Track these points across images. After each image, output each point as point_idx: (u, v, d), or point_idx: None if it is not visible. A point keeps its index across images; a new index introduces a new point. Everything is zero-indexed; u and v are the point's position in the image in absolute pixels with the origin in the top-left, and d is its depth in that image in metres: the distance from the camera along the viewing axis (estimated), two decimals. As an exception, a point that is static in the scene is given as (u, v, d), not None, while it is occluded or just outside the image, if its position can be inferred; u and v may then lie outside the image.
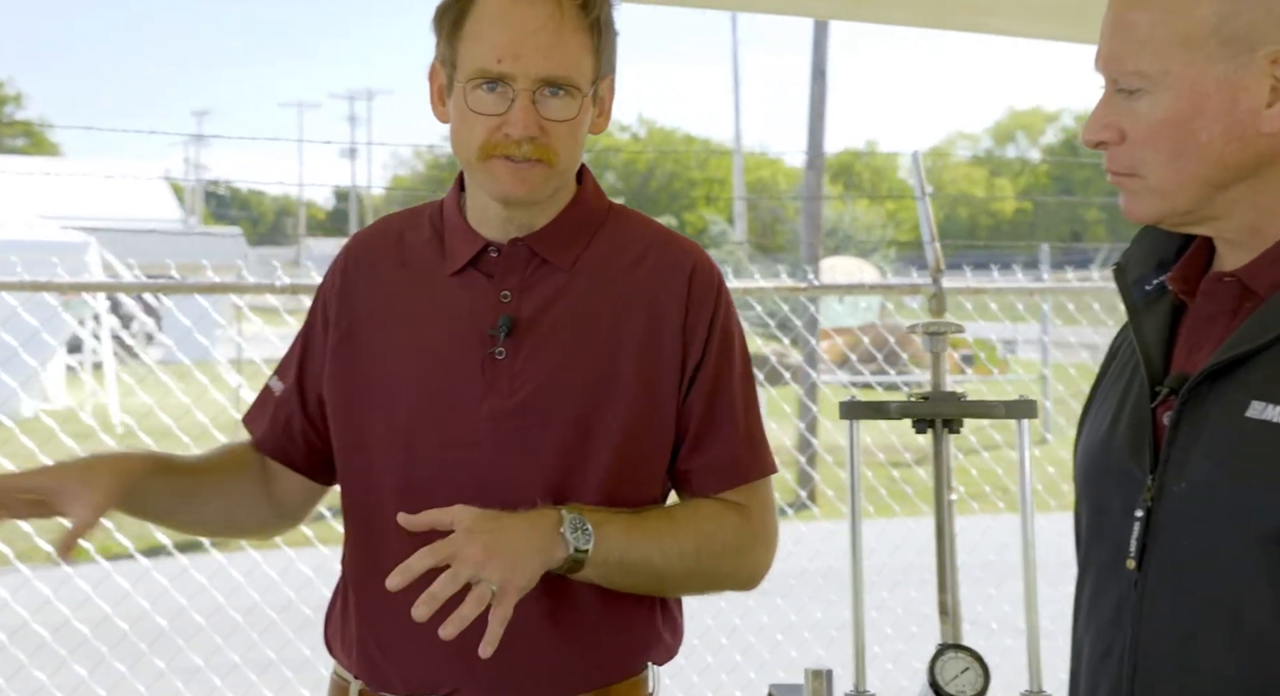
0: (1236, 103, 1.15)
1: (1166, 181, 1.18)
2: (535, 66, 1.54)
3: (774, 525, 1.69)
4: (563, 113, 1.56)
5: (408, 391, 1.63)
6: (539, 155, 1.56)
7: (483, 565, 1.44)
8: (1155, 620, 1.18)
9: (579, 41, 1.56)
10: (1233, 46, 1.15)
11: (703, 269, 1.65)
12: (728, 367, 1.65)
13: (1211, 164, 1.17)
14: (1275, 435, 1.11)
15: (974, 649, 2.09)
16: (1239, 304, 1.20)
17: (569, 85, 1.56)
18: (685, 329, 1.62)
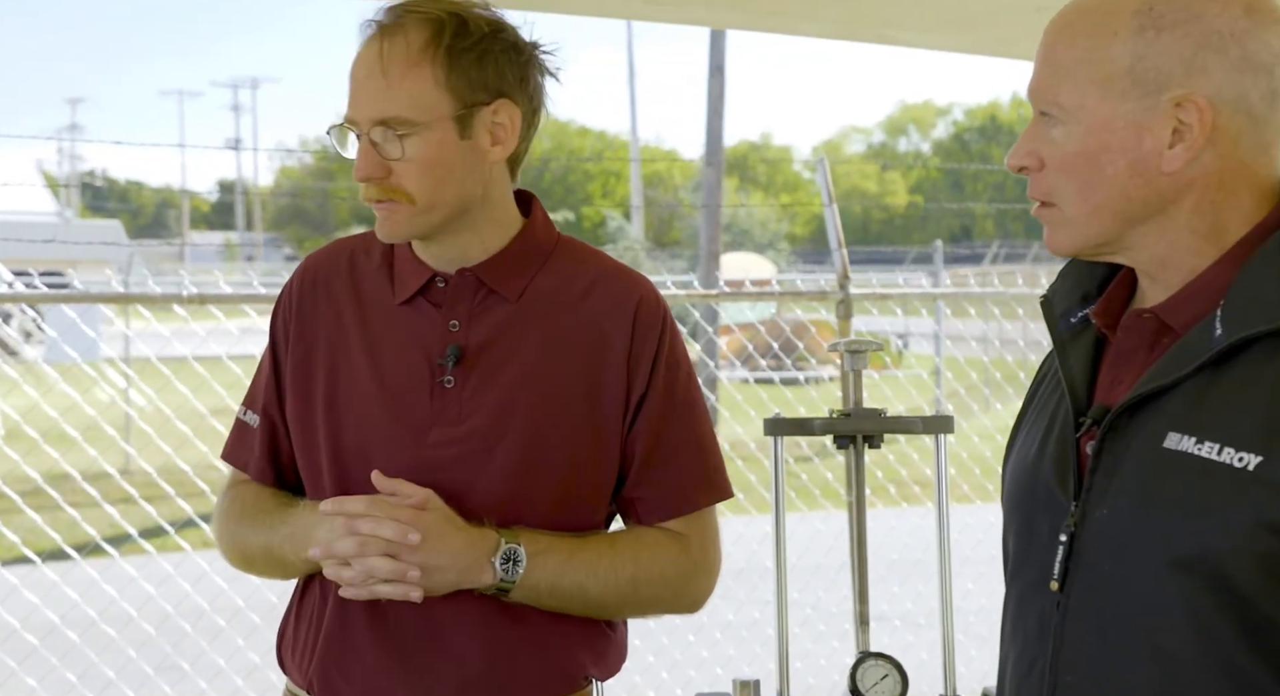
0: (1141, 141, 1.20)
1: (1078, 212, 1.23)
2: (366, 109, 1.56)
3: (716, 554, 1.72)
4: (404, 151, 1.57)
5: (357, 418, 1.64)
6: (388, 196, 1.58)
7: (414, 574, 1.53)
8: (1075, 639, 1.22)
9: (414, 76, 1.55)
10: (1142, 87, 1.19)
11: (648, 302, 1.67)
12: (673, 399, 1.67)
13: (1117, 197, 1.22)
14: (1189, 465, 1.16)
15: (892, 656, 2.14)
16: (1156, 338, 1.25)
17: (403, 123, 1.56)
18: (630, 361, 1.64)
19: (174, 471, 5.16)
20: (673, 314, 1.74)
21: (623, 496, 1.68)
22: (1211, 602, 1.14)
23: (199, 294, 3.49)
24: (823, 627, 5.09)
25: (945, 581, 2.28)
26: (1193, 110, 1.18)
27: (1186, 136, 1.19)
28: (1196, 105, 1.18)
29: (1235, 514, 1.12)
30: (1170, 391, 1.19)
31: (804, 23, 3.37)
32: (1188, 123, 1.18)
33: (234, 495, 1.74)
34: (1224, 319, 1.18)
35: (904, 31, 3.41)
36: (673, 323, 1.70)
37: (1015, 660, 1.30)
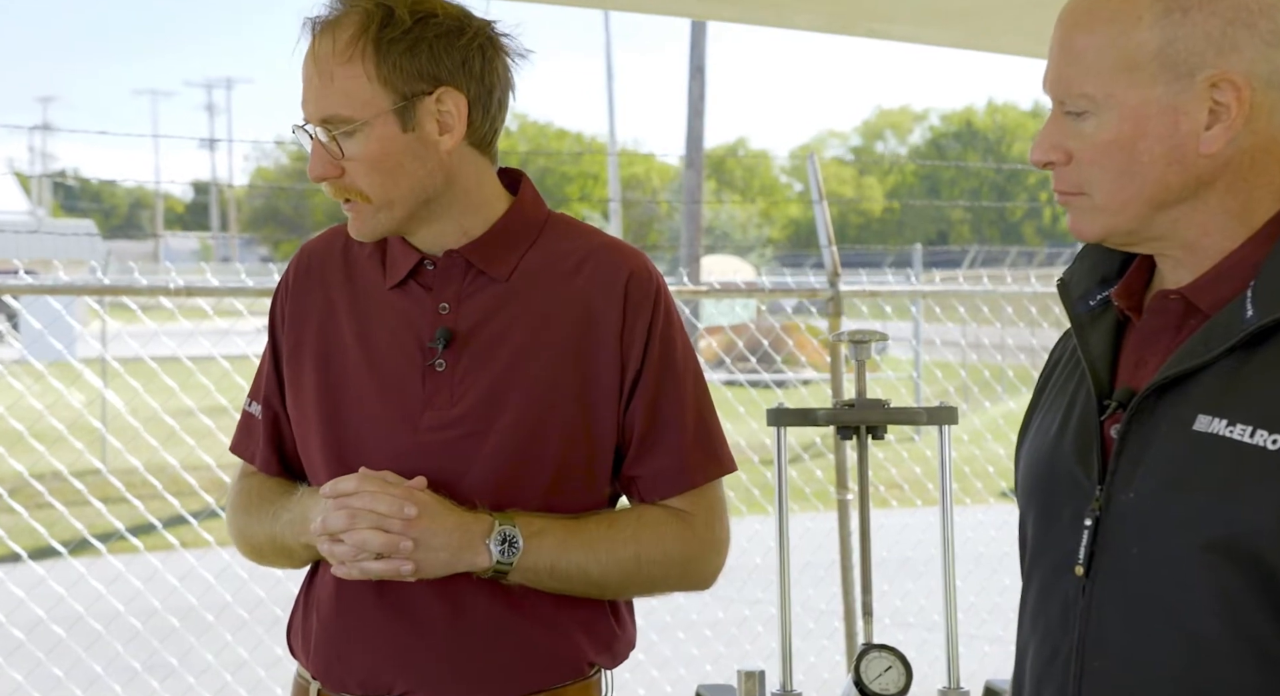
0: (1177, 126, 1.18)
1: (1111, 200, 1.22)
2: (310, 109, 1.57)
3: (723, 529, 1.70)
4: (353, 149, 1.56)
5: (350, 404, 1.63)
6: (344, 196, 1.59)
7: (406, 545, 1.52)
8: (1102, 624, 1.21)
9: (345, 73, 1.54)
10: (1173, 71, 1.18)
11: (640, 275, 1.64)
12: (670, 373, 1.65)
13: (1154, 184, 1.20)
14: (1220, 447, 1.15)
15: (896, 647, 2.13)
16: (1183, 320, 1.24)
17: (343, 121, 1.55)
18: (623, 336, 1.62)
19: (162, 468, 5.13)
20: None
21: (623, 475, 1.66)
22: (1243, 586, 1.13)
23: (186, 286, 3.46)
24: (812, 625, 5.08)
25: (949, 574, 2.28)
26: (1229, 89, 1.17)
27: (1224, 117, 1.17)
28: (1234, 83, 1.16)
29: (1269, 496, 1.11)
30: (1199, 373, 1.18)
31: (796, 16, 3.36)
32: (1224, 103, 1.17)
33: (241, 487, 1.73)
34: (1255, 300, 1.16)
35: (895, 25, 3.41)
36: (668, 296, 1.67)
37: (1037, 648, 1.29)
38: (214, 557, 4.81)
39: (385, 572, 1.52)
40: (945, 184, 50.44)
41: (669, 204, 26.78)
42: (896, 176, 51.74)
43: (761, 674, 2.15)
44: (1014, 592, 1.51)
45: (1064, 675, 1.24)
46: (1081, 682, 1.22)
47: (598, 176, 38.95)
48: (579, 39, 31.14)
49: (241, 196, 41.88)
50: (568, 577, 1.59)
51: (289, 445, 1.70)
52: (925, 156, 54.03)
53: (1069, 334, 1.37)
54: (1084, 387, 1.28)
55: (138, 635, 4.57)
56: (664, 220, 28.86)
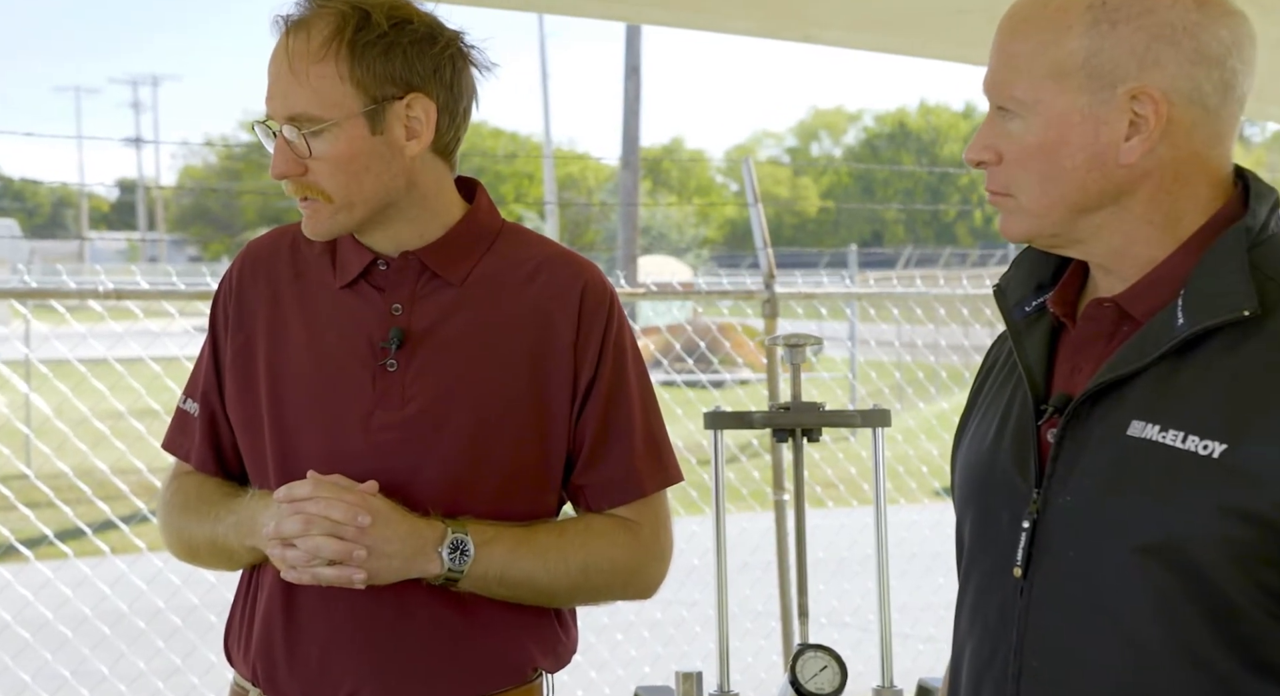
0: (1098, 135, 1.21)
1: (1035, 203, 1.25)
2: (277, 106, 1.56)
3: (667, 540, 1.71)
4: (316, 149, 1.56)
5: (299, 404, 1.62)
6: (305, 193, 1.58)
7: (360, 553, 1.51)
8: (1040, 625, 1.23)
9: (318, 72, 1.54)
10: (1097, 81, 1.21)
11: (595, 286, 1.66)
12: (622, 383, 1.66)
13: (1075, 189, 1.23)
14: (1153, 452, 1.17)
15: (831, 647, 2.16)
16: (1116, 328, 1.25)
17: (311, 120, 1.55)
18: (577, 345, 1.63)
19: (90, 472, 5.04)
20: None
21: (572, 483, 1.67)
22: (1177, 588, 1.15)
23: (116, 289, 3.41)
24: (750, 625, 5.11)
25: (883, 574, 2.31)
26: (1148, 102, 1.19)
27: (1142, 129, 1.20)
28: (1151, 97, 1.19)
29: (1201, 500, 1.14)
30: (1133, 379, 1.20)
31: (731, 21, 3.39)
32: (1143, 115, 1.20)
33: (177, 486, 1.71)
34: (1185, 308, 1.19)
35: (828, 30, 3.45)
36: (620, 308, 1.69)
37: (974, 649, 1.31)
38: (145, 563, 4.73)
39: (337, 579, 1.51)
40: (880, 184, 50.95)
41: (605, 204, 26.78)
42: (831, 177, 52.15)
43: (699, 675, 2.17)
44: (948, 591, 1.53)
45: (1002, 674, 1.26)
46: (1019, 682, 1.24)
47: (533, 176, 38.86)
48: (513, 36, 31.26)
49: (169, 195, 41.20)
50: (516, 585, 1.60)
51: (226, 444, 1.69)
52: (860, 157, 54.52)
53: (1003, 338, 1.40)
54: (1020, 392, 1.30)
55: (66, 642, 4.50)
56: (600, 221, 28.86)
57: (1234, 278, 1.18)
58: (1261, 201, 1.24)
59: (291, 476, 1.59)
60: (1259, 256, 1.21)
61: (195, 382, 1.73)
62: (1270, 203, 1.24)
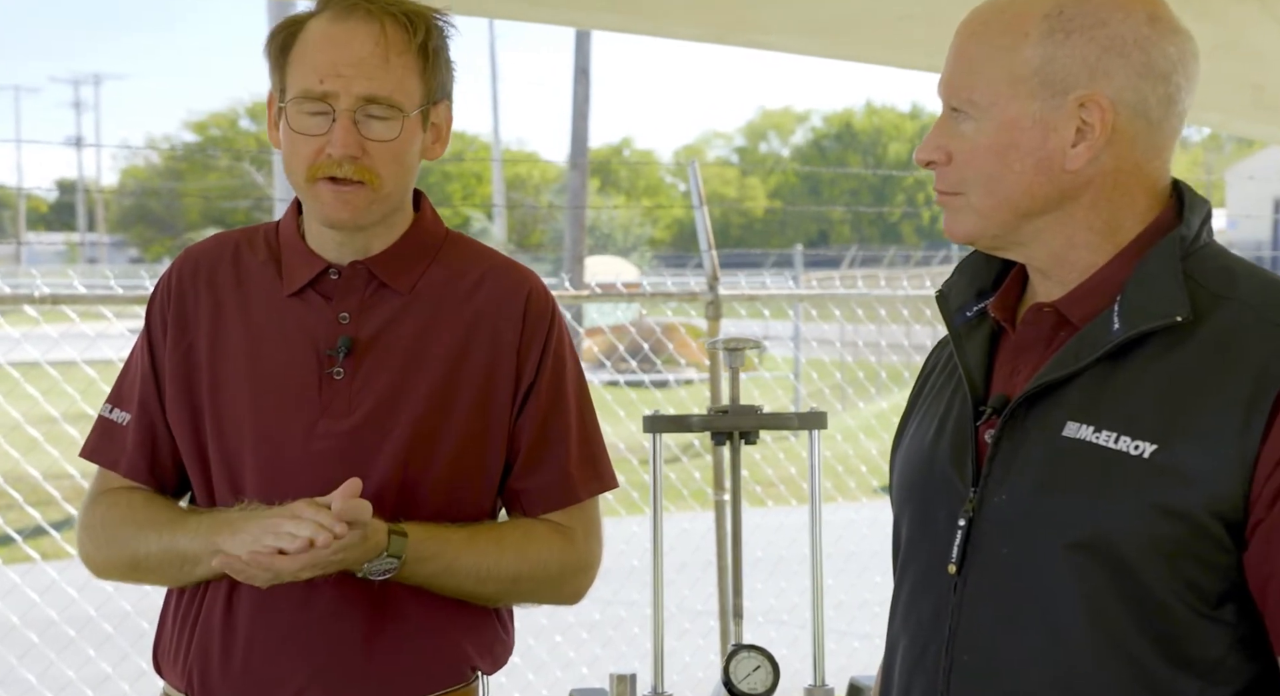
0: (1046, 140, 1.23)
1: (982, 203, 1.28)
2: (356, 85, 1.56)
3: (599, 547, 1.74)
4: (384, 133, 1.58)
5: (244, 410, 1.62)
6: (360, 176, 1.58)
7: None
8: (973, 620, 1.26)
9: (402, 63, 1.59)
10: (1049, 87, 1.24)
11: (537, 295, 1.70)
12: (560, 390, 1.70)
13: (1021, 192, 1.26)
14: (1087, 452, 1.19)
15: (764, 648, 2.18)
16: (1055, 332, 1.28)
17: (391, 105, 1.58)
18: (520, 351, 1.67)
19: (21, 478, 4.95)
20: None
21: (508, 487, 1.69)
22: (1105, 583, 1.19)
23: (51, 294, 3.37)
24: (688, 625, 5.14)
25: (816, 573, 2.33)
26: (1095, 110, 1.23)
27: (1089, 136, 1.24)
28: (1099, 105, 1.23)
29: (1131, 499, 1.17)
30: (1070, 382, 1.24)
31: (676, 26, 3.41)
32: (1090, 122, 1.24)
33: (114, 501, 1.68)
34: (1121, 313, 1.23)
35: (771, 36, 3.48)
36: (561, 318, 1.73)
37: (907, 646, 1.34)
38: (76, 570, 4.66)
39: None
40: (826, 184, 51.24)
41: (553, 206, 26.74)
42: (779, 177, 52.37)
43: (633, 677, 2.18)
44: (884, 589, 1.55)
45: (934, 668, 1.29)
46: (950, 676, 1.27)
47: (481, 176, 38.69)
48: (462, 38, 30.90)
49: (110, 196, 40.56)
50: (457, 588, 1.62)
51: (163, 453, 1.68)
52: (807, 157, 54.77)
53: (944, 343, 1.43)
54: (960, 394, 1.33)
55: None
56: (547, 221, 28.82)
57: (1168, 285, 1.22)
58: (1195, 212, 1.28)
59: (237, 483, 1.61)
60: (1192, 265, 1.25)
61: (126, 392, 1.71)
62: (1203, 214, 1.29)
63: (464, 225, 26.43)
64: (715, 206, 48.96)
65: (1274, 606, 1.16)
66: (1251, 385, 1.16)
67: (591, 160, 22.53)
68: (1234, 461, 1.15)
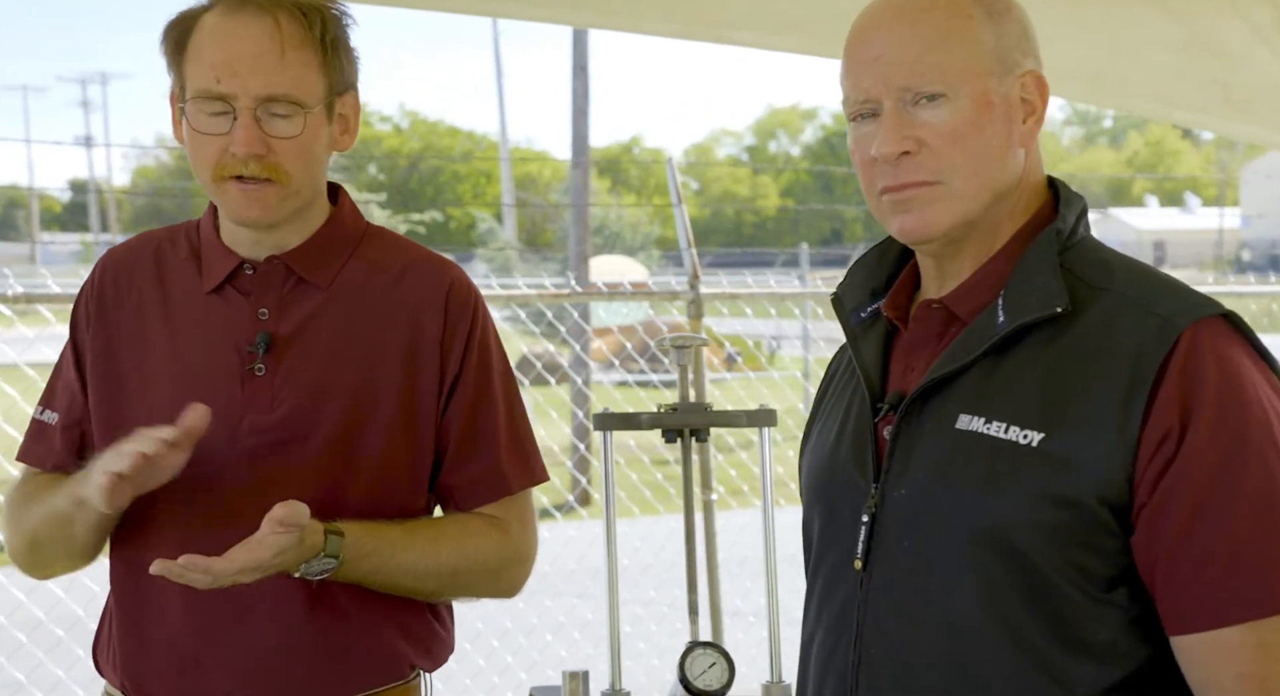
0: (1011, 116, 1.26)
1: (967, 185, 1.26)
2: (254, 84, 1.55)
3: (534, 538, 1.74)
4: (288, 130, 1.57)
5: (166, 408, 1.61)
6: (268, 174, 1.57)
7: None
8: (878, 614, 1.28)
9: (301, 58, 1.56)
10: (1002, 65, 1.26)
11: (460, 286, 1.69)
12: (486, 382, 1.69)
13: (999, 168, 1.27)
14: (979, 443, 1.22)
15: (720, 645, 2.18)
16: (945, 328, 1.30)
17: (291, 102, 1.56)
18: (443, 344, 1.66)
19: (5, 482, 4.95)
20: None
21: (440, 482, 1.69)
22: (1001, 572, 1.20)
23: (25, 294, 3.38)
24: (654, 627, 5.15)
25: (771, 572, 2.33)
26: (1034, 86, 1.27)
27: (1035, 111, 1.28)
28: (1037, 78, 1.27)
29: (1022, 487, 1.19)
30: (960, 376, 1.25)
31: (644, 22, 3.40)
32: (1030, 99, 1.27)
33: (19, 486, 1.71)
34: (1005, 307, 1.24)
35: (739, 32, 3.47)
36: (484, 308, 1.72)
37: (820, 641, 1.35)
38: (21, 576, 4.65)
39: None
40: (839, 182, 51.16)
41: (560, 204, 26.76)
42: (791, 175, 52.33)
43: (585, 673, 2.18)
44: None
45: (844, 663, 1.30)
46: (859, 670, 1.28)
47: (490, 175, 38.73)
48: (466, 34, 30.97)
49: (122, 196, 40.77)
50: (395, 584, 1.62)
51: (89, 452, 1.67)
52: (818, 154, 54.72)
53: (845, 348, 1.44)
54: (859, 394, 1.35)
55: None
56: (556, 220, 28.82)
57: (1046, 278, 1.24)
58: (1070, 207, 1.30)
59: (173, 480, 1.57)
60: (1070, 259, 1.26)
61: (54, 393, 1.72)
62: (1078, 210, 1.30)
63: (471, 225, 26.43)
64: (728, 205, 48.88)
65: (1162, 588, 1.18)
66: (1129, 372, 1.18)
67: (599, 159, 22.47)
68: (1116, 447, 1.17)
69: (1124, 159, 53.66)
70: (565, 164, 26.81)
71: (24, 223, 45.14)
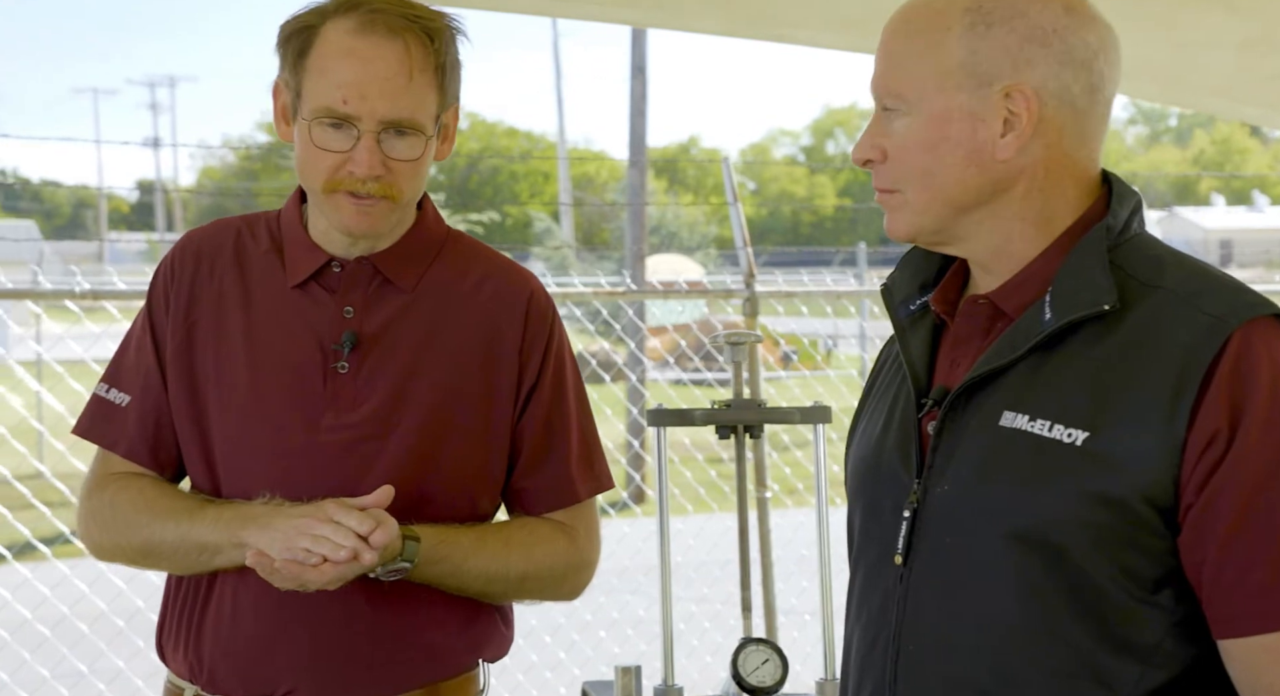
0: (975, 131, 1.25)
1: (918, 199, 1.29)
2: (381, 109, 1.56)
3: (598, 545, 1.77)
4: (407, 153, 1.59)
5: (246, 401, 1.63)
6: (383, 193, 1.59)
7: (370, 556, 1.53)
8: (917, 609, 1.28)
9: (425, 82, 1.58)
10: (975, 80, 1.25)
11: (539, 297, 1.72)
12: (561, 392, 1.72)
13: (954, 185, 1.27)
14: (1022, 441, 1.21)
15: (774, 642, 2.18)
16: (991, 323, 1.30)
17: (414, 127, 1.58)
18: (521, 353, 1.69)
19: (72, 474, 5.04)
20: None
21: (511, 486, 1.71)
22: (1042, 570, 1.19)
23: (92, 290, 3.46)
24: (708, 624, 5.15)
25: (825, 569, 2.33)
26: (1020, 99, 1.24)
27: (1015, 125, 1.25)
28: (1024, 94, 1.24)
29: (1065, 486, 1.18)
30: (1005, 372, 1.25)
31: (699, 20, 3.42)
32: (1016, 112, 1.24)
33: (125, 486, 1.67)
34: (1052, 304, 1.24)
35: (797, 30, 3.47)
36: (560, 320, 1.75)
37: (860, 636, 1.35)
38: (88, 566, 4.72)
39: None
40: (896, 183, 50.56)
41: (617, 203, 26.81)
42: (849, 174, 52.00)
43: (638, 669, 2.19)
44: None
45: (883, 658, 1.30)
46: (898, 665, 1.28)
47: (548, 174, 38.87)
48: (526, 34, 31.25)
49: (187, 196, 41.36)
50: (464, 588, 1.65)
51: (165, 436, 1.68)
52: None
53: (893, 340, 1.44)
54: (905, 388, 1.35)
55: (6, 646, 4.47)
56: (613, 219, 28.87)
57: (1095, 275, 1.23)
58: (1123, 203, 1.29)
59: (237, 475, 1.62)
60: (1120, 255, 1.25)
61: (124, 372, 1.70)
62: (1131, 205, 1.29)
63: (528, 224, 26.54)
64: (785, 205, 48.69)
65: (1209, 590, 1.17)
66: (1178, 371, 1.17)
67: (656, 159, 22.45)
68: (1163, 447, 1.16)
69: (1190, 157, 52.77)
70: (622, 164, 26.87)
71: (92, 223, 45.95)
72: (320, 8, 1.60)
